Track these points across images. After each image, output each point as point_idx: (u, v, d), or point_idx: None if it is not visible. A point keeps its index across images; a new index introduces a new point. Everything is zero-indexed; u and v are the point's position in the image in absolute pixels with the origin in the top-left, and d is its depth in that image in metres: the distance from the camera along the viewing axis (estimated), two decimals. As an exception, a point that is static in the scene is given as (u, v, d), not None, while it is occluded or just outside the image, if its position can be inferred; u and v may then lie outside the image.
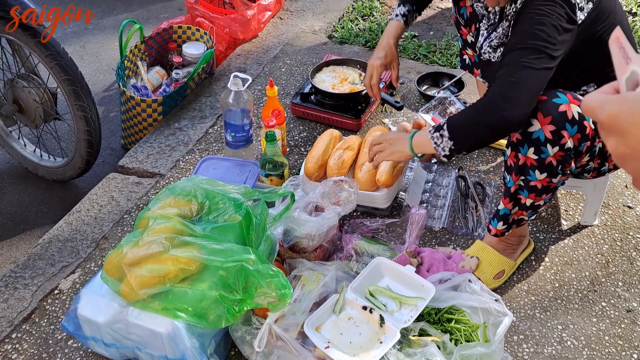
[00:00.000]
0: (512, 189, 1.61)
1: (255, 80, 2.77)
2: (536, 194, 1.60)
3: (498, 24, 1.73)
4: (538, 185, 1.57)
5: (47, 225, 2.30)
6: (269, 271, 1.45)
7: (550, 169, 1.53)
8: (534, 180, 1.56)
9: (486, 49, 1.78)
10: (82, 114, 2.28)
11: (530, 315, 1.69)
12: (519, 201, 1.63)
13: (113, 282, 1.48)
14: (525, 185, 1.59)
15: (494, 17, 1.75)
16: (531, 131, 1.50)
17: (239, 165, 2.05)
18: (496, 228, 1.72)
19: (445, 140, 1.57)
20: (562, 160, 1.52)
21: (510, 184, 1.61)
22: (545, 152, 1.51)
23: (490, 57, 1.78)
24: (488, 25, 1.78)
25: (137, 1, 4.07)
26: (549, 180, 1.56)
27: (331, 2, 3.53)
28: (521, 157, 1.54)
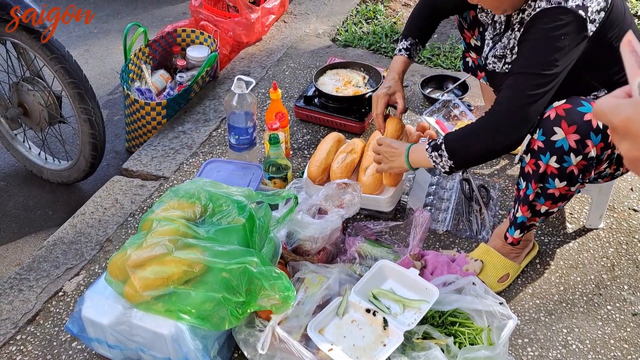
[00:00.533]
0: (531, 197, 1.58)
1: (259, 83, 2.78)
2: (552, 202, 1.58)
3: (503, 34, 1.71)
4: (556, 193, 1.55)
5: (52, 227, 2.31)
6: (272, 273, 1.45)
7: (571, 177, 1.51)
8: (553, 188, 1.54)
9: (491, 59, 1.76)
10: (87, 117, 2.29)
11: (534, 318, 1.68)
12: (534, 207, 1.61)
13: (117, 284, 1.48)
14: (542, 192, 1.56)
15: (500, 26, 1.73)
16: (554, 140, 1.47)
17: (243, 168, 2.05)
18: (513, 236, 1.70)
19: (445, 160, 1.60)
20: (583, 169, 1.50)
21: (529, 192, 1.58)
22: (567, 161, 1.48)
23: (495, 68, 1.75)
24: (493, 34, 1.76)
25: (141, 5, 4.09)
26: (567, 189, 1.54)
27: (335, 5, 3.53)
28: (542, 165, 1.52)
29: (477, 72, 2.18)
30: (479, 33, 2.03)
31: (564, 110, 1.47)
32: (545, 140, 1.49)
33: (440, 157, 1.60)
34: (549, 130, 1.48)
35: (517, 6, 1.57)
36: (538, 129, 1.51)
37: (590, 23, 1.47)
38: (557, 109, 1.48)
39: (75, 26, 3.84)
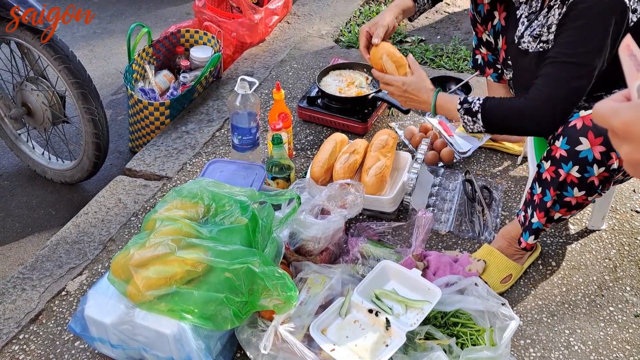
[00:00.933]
0: (549, 204, 1.57)
1: (263, 84, 2.78)
2: (567, 209, 1.57)
3: (540, 12, 1.67)
4: (573, 201, 1.54)
5: (55, 227, 2.31)
6: (274, 273, 1.45)
7: (591, 187, 1.50)
8: (570, 196, 1.53)
9: (527, 39, 1.70)
10: (90, 116, 2.30)
11: (537, 319, 1.68)
12: (548, 213, 1.60)
13: (120, 283, 1.49)
14: (559, 200, 1.55)
15: (536, 4, 1.69)
16: (579, 150, 1.45)
17: (246, 168, 2.06)
18: (527, 242, 1.69)
19: (477, 126, 1.64)
20: (604, 180, 1.49)
21: (547, 199, 1.57)
22: (590, 172, 1.47)
23: (528, 47, 1.70)
24: (529, 12, 1.71)
25: (145, 5, 4.10)
26: (584, 198, 1.53)
27: (338, 6, 3.54)
28: (562, 174, 1.50)
29: (485, 69, 2.18)
30: (491, 27, 2.02)
31: (591, 121, 1.44)
32: (570, 149, 1.47)
33: (472, 122, 1.64)
34: (575, 140, 1.46)
35: None
36: (562, 137, 1.49)
37: (632, 13, 1.46)
38: (584, 119, 1.45)
39: (79, 26, 3.85)
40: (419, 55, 3.00)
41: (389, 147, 2.04)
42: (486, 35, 2.07)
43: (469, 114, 1.63)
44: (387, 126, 2.47)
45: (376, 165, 1.97)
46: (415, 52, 3.02)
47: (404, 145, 2.34)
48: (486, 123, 1.62)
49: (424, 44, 3.16)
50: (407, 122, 2.47)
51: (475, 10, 2.03)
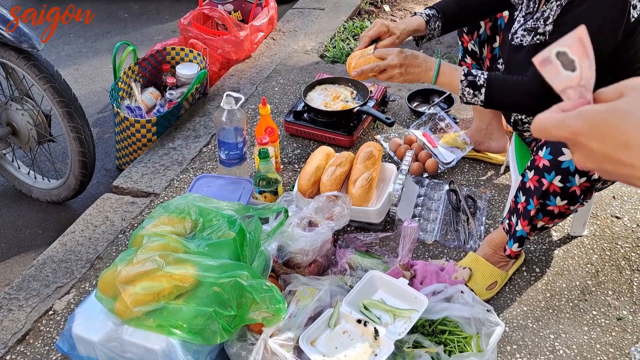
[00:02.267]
0: (532, 212, 1.60)
1: (249, 99, 2.81)
2: (550, 218, 1.61)
3: (537, 11, 1.70)
4: (555, 210, 1.58)
5: (42, 247, 2.30)
6: (263, 286, 1.46)
7: (573, 197, 1.54)
8: (553, 205, 1.56)
9: (520, 33, 1.72)
10: (76, 135, 2.31)
11: (522, 325, 1.71)
12: (532, 222, 1.63)
13: (107, 300, 1.49)
14: (542, 209, 1.58)
15: (533, 5, 1.72)
16: (562, 160, 1.49)
17: (233, 183, 2.07)
18: (512, 249, 1.72)
19: (477, 99, 1.65)
20: (585, 190, 1.53)
21: (530, 207, 1.60)
22: (571, 182, 1.50)
23: (522, 42, 1.71)
24: (526, 13, 1.74)
25: (131, 24, 4.13)
26: (567, 207, 1.57)
27: (323, 22, 3.59)
28: (545, 183, 1.53)
29: None
30: (477, 36, 2.07)
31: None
32: (552, 159, 1.50)
33: (473, 94, 1.65)
34: (557, 151, 1.49)
35: None
36: (545, 147, 1.52)
37: (633, 9, 1.50)
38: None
39: (64, 45, 3.86)
40: (402, 69, 3.05)
41: (375, 159, 2.07)
42: (471, 44, 2.11)
43: (471, 86, 1.64)
44: (372, 139, 2.50)
45: (362, 177, 1.99)
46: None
47: (390, 157, 2.37)
48: (487, 97, 1.63)
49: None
50: (392, 135, 2.51)
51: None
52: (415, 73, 1.73)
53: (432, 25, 1.94)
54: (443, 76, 1.70)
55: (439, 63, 1.71)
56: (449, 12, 1.95)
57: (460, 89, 1.67)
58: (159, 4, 4.40)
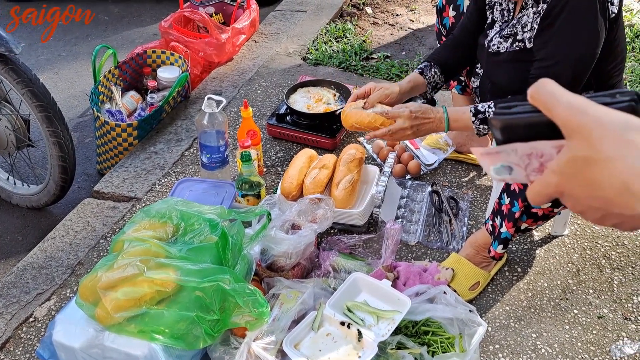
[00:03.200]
0: (517, 215, 1.62)
1: (232, 102, 2.80)
2: (534, 220, 1.62)
3: (513, 18, 1.73)
4: (539, 212, 1.60)
5: (22, 253, 2.27)
6: (245, 290, 1.46)
7: (557, 200, 1.55)
8: (537, 207, 1.58)
9: (496, 41, 1.75)
10: (56, 139, 2.28)
11: (505, 324, 1.72)
12: (516, 223, 1.65)
13: (88, 306, 1.47)
14: (526, 211, 1.60)
15: (508, 14, 1.75)
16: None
17: (215, 187, 2.06)
18: (496, 251, 1.74)
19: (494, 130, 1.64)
20: None
21: (515, 209, 1.61)
22: None
23: (499, 48, 1.74)
24: (502, 22, 1.77)
25: (111, 27, 4.09)
26: (550, 210, 1.59)
27: (305, 25, 3.59)
28: None
29: (449, 82, 2.24)
30: None
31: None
32: None
33: (489, 129, 1.65)
34: None
35: None
36: None
37: (610, 5, 1.53)
38: None
39: (43, 49, 3.82)
40: (385, 71, 3.06)
41: (357, 161, 2.07)
42: None
43: (485, 122, 1.67)
44: (355, 141, 2.50)
45: (345, 179, 2.00)
46: (381, 68, 3.08)
47: (372, 159, 2.38)
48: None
49: (389, 60, 3.22)
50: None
51: (440, 24, 2.08)
52: (428, 129, 1.74)
53: (429, 74, 1.94)
54: (454, 123, 1.72)
55: (446, 114, 1.72)
56: (442, 57, 1.96)
57: (474, 128, 1.69)
58: (139, 6, 4.37)
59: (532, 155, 0.56)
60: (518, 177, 0.58)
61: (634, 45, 3.24)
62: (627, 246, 1.98)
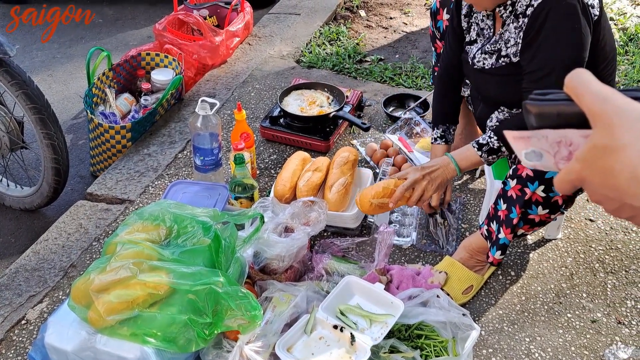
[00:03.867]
0: (515, 221, 1.62)
1: (225, 104, 2.80)
2: (530, 226, 1.63)
3: (494, 34, 1.74)
4: (536, 219, 1.60)
5: (15, 255, 2.26)
6: (238, 293, 1.45)
7: (555, 206, 1.56)
8: (534, 214, 1.59)
9: (479, 57, 1.77)
10: (49, 141, 2.27)
11: (498, 328, 1.72)
12: (514, 230, 1.65)
13: (80, 309, 1.47)
14: (523, 217, 1.61)
15: (488, 31, 1.76)
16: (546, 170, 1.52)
17: (209, 189, 2.06)
18: (494, 256, 1.73)
19: (502, 154, 1.68)
20: (567, 200, 1.56)
21: (513, 216, 1.62)
22: (554, 192, 1.53)
23: (484, 65, 1.76)
24: (484, 39, 1.79)
25: (105, 30, 4.08)
26: (547, 216, 1.59)
27: (298, 28, 3.59)
28: (528, 192, 1.55)
29: None
30: None
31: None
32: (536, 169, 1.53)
33: (498, 156, 1.69)
34: None
35: (499, 1, 1.61)
36: None
37: (591, 8, 1.54)
38: None
39: (37, 51, 3.80)
40: (378, 74, 3.07)
41: (351, 163, 2.07)
42: None
43: (492, 153, 1.69)
44: (348, 144, 2.50)
45: (338, 182, 2.00)
46: (375, 70, 3.09)
47: (366, 162, 2.38)
48: (508, 148, 1.65)
49: (383, 63, 3.22)
50: (368, 140, 2.52)
51: (434, 27, 2.09)
52: (440, 175, 1.75)
53: (450, 136, 1.98)
54: (463, 163, 1.74)
55: (452, 158, 1.75)
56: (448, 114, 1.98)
57: (484, 160, 1.71)
58: (133, 9, 4.37)
59: (561, 143, 0.56)
60: (547, 164, 0.58)
61: (627, 48, 3.26)
62: (621, 250, 1.99)
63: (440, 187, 1.78)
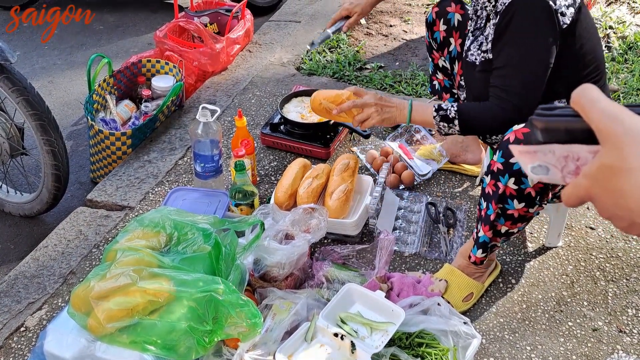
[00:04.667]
0: (492, 217, 1.62)
1: (225, 111, 2.80)
2: (512, 222, 1.63)
3: (485, 27, 1.78)
4: (515, 214, 1.60)
5: (14, 262, 2.25)
6: (238, 301, 1.45)
7: (529, 199, 1.56)
8: (512, 209, 1.59)
9: (474, 51, 1.80)
10: (50, 148, 2.27)
11: (499, 337, 1.71)
12: (495, 228, 1.65)
13: (80, 316, 1.46)
14: (502, 213, 1.61)
15: (480, 21, 1.80)
16: (512, 162, 1.52)
17: (209, 196, 2.06)
18: (476, 255, 1.73)
19: (453, 130, 1.72)
20: (540, 192, 1.56)
21: (490, 212, 1.62)
22: (525, 183, 1.53)
23: (475, 60, 1.80)
24: (474, 28, 1.83)
25: (106, 36, 4.09)
26: (526, 210, 1.59)
27: (299, 35, 3.60)
28: (501, 186, 1.56)
29: (442, 95, 2.25)
30: (447, 53, 2.10)
31: (522, 134, 1.51)
32: (505, 162, 1.54)
33: (448, 127, 1.73)
34: (508, 153, 1.53)
35: None
36: (498, 150, 1.56)
37: (561, 15, 1.58)
38: (517, 132, 1.52)
39: (38, 58, 3.81)
40: (379, 81, 3.07)
41: (351, 170, 2.07)
42: (442, 61, 2.14)
43: (445, 120, 1.73)
44: (349, 151, 2.50)
45: (339, 189, 2.00)
46: (375, 78, 3.09)
47: (366, 169, 2.38)
48: (461, 127, 1.72)
49: (382, 70, 3.23)
50: (369, 147, 2.52)
51: (431, 38, 2.10)
52: (391, 112, 1.79)
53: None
54: (416, 114, 1.78)
55: (410, 102, 1.79)
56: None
57: (435, 124, 1.74)
58: (134, 16, 4.38)
59: (568, 158, 0.57)
60: (555, 178, 0.58)
61: (626, 57, 3.27)
62: (622, 258, 1.98)
63: (386, 122, 1.81)
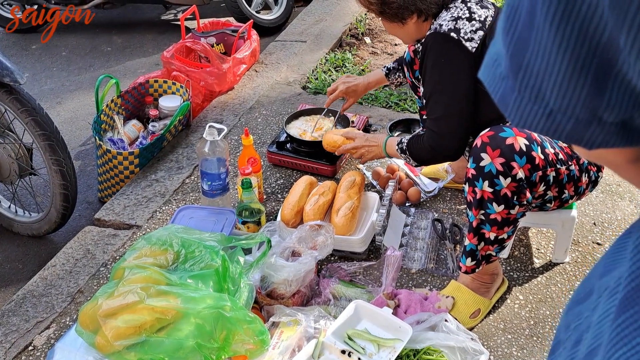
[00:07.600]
0: (475, 224, 1.66)
1: (232, 130, 2.83)
2: (498, 227, 1.64)
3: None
4: (498, 217, 1.62)
5: (23, 281, 2.26)
6: (246, 318, 1.45)
7: (506, 200, 1.59)
8: (493, 212, 1.62)
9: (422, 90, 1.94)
10: (58, 168, 2.29)
11: (507, 353, 1.70)
12: (483, 235, 1.66)
13: (88, 334, 1.47)
14: (485, 218, 1.63)
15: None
16: (483, 165, 1.58)
17: (216, 214, 2.07)
18: (465, 265, 1.74)
19: (411, 161, 1.96)
20: (516, 191, 1.59)
21: (472, 219, 1.66)
22: (499, 184, 1.58)
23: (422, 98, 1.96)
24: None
25: (114, 58, 4.15)
26: (507, 212, 1.61)
27: (305, 54, 3.64)
28: (478, 192, 1.61)
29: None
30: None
31: (487, 137, 1.59)
32: (476, 167, 1.60)
33: (408, 157, 1.95)
34: (478, 157, 1.60)
35: (421, 37, 1.88)
36: (470, 157, 1.63)
37: (467, 42, 1.71)
38: (482, 137, 1.61)
39: (47, 79, 3.87)
40: (384, 99, 3.10)
41: (357, 187, 2.08)
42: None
43: (402, 152, 1.94)
44: (355, 168, 2.52)
45: (345, 205, 2.00)
46: (380, 96, 3.12)
47: (372, 186, 2.39)
48: (413, 158, 1.93)
49: (388, 88, 3.26)
50: (375, 164, 2.53)
51: (413, 77, 2.10)
52: (375, 150, 2.08)
53: (393, 77, 2.30)
54: (388, 148, 2.02)
55: (386, 139, 2.03)
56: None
57: (400, 155, 1.96)
58: (142, 37, 4.44)
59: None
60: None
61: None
62: (629, 273, 1.97)
63: (374, 158, 2.12)
